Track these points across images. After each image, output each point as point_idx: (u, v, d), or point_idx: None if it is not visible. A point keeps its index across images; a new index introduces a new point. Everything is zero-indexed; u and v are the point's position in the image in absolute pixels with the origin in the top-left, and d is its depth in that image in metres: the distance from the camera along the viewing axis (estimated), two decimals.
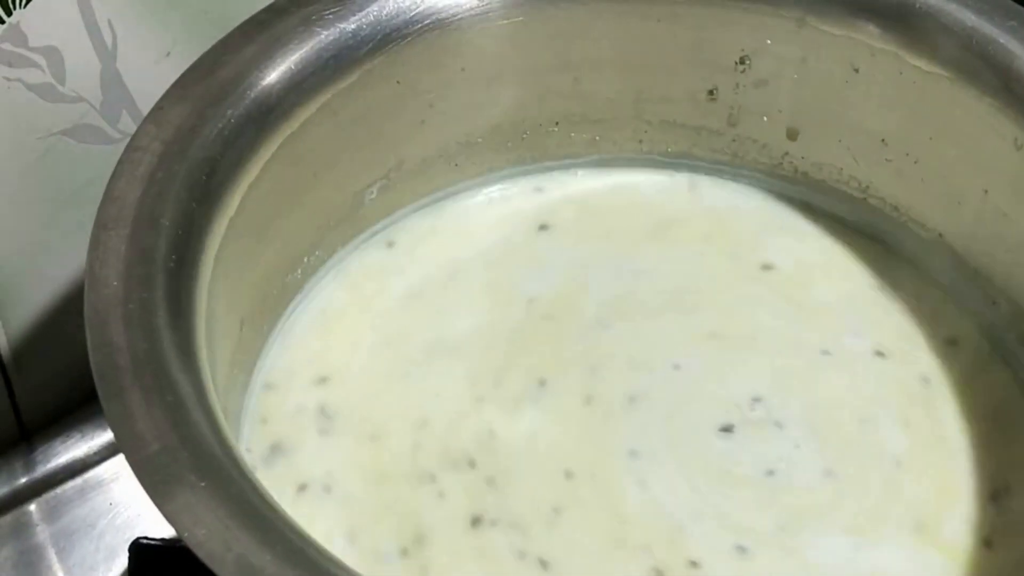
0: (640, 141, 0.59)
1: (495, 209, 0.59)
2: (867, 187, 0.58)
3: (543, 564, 0.49)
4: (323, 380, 0.54)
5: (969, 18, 0.53)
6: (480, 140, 0.58)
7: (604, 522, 0.50)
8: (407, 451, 0.52)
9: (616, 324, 0.55)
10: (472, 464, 0.51)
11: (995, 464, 0.52)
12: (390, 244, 0.58)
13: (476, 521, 0.50)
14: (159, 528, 0.46)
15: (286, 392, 0.53)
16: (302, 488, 0.51)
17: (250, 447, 0.51)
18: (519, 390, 0.53)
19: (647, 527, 0.50)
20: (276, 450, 0.52)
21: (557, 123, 0.58)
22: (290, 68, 0.51)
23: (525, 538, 0.49)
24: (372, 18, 0.52)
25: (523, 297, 0.56)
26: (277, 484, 0.50)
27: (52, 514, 0.60)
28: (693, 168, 0.60)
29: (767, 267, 0.57)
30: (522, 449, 0.52)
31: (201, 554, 0.39)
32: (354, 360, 0.54)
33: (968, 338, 0.56)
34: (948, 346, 0.55)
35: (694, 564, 0.49)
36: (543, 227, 0.58)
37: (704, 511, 0.50)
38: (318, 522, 0.49)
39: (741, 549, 0.49)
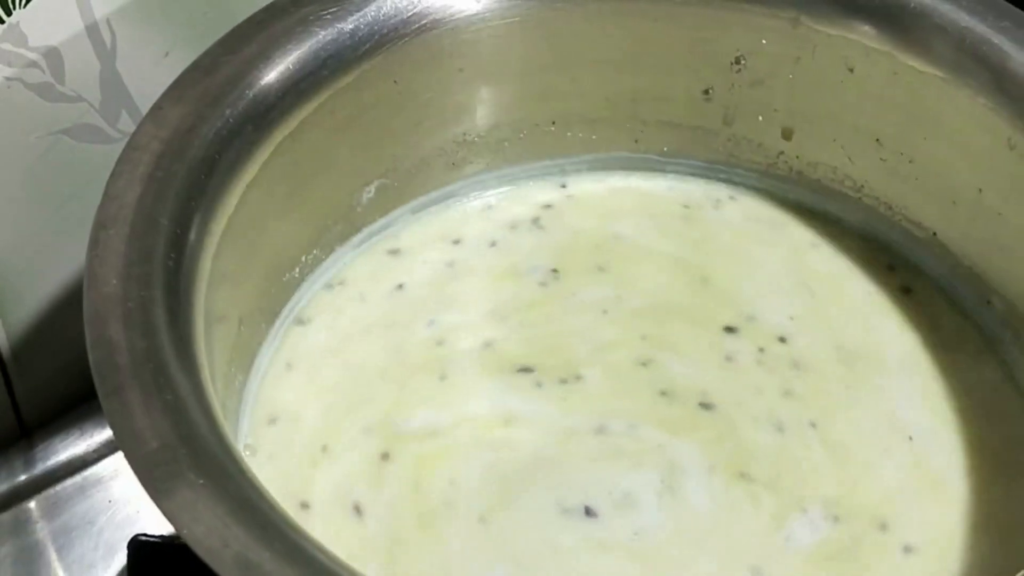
0: (636, 141, 0.59)
1: (492, 207, 0.59)
2: (862, 186, 0.58)
3: None
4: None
5: (963, 18, 0.53)
6: (477, 139, 0.58)
7: None
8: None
9: (612, 323, 0.56)
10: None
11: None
12: (388, 243, 0.57)
13: None
14: (158, 525, 0.47)
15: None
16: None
17: (249, 444, 0.51)
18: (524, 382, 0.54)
19: None
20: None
21: (554, 122, 0.58)
22: (288, 68, 0.51)
23: None
24: (370, 18, 0.52)
25: (522, 294, 0.56)
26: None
27: (51, 511, 0.60)
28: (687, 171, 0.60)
29: None
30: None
31: (200, 551, 0.39)
32: (352, 358, 0.54)
33: (961, 336, 0.56)
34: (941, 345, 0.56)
35: None
36: (539, 225, 0.58)
37: None
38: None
39: None
